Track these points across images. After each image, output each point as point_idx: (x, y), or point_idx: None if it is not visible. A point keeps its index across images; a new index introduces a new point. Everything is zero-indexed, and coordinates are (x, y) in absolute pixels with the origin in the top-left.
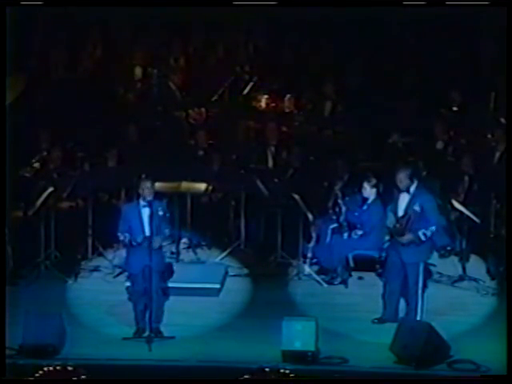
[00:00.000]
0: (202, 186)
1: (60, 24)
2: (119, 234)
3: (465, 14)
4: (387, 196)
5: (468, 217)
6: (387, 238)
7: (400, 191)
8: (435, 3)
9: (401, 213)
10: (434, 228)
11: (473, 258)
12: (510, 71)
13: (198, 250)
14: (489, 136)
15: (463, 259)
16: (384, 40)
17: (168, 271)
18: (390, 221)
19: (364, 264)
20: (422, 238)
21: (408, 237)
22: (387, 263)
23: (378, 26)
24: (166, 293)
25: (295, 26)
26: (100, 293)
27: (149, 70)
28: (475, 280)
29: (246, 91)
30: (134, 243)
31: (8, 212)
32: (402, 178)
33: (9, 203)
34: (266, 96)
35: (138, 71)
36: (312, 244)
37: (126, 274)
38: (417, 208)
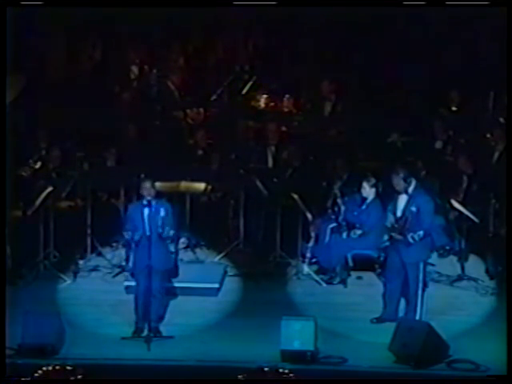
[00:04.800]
0: (201, 186)
1: (59, 23)
2: (124, 233)
3: (465, 14)
4: (386, 196)
5: (467, 216)
6: (386, 237)
7: (398, 193)
8: (435, 3)
9: (399, 213)
10: (421, 233)
11: (472, 257)
12: (510, 71)
13: (197, 250)
14: (488, 136)
15: (462, 259)
16: (383, 40)
17: (174, 271)
18: (390, 221)
19: (363, 264)
20: (410, 240)
21: (398, 236)
22: (387, 263)
23: (377, 25)
24: (169, 292)
25: (294, 26)
26: (99, 292)
27: (148, 69)
28: (474, 280)
29: (245, 91)
30: (137, 241)
31: (7, 211)
32: (397, 181)
33: (8, 203)
34: (265, 96)
35: (137, 71)
36: (311, 244)
37: (125, 273)
38: (414, 209)
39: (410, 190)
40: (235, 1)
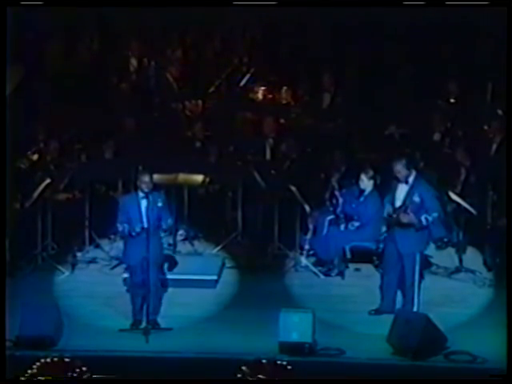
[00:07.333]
0: (199, 178)
1: (58, 16)
2: (118, 225)
3: (465, 14)
4: (384, 188)
5: (465, 208)
6: (384, 229)
7: (398, 182)
8: (435, 3)
9: (399, 203)
10: (436, 214)
11: (469, 249)
12: (509, 63)
13: (195, 242)
14: (486, 128)
15: (460, 251)
16: (382, 32)
17: (170, 263)
18: (387, 211)
19: (361, 255)
20: (424, 222)
21: (409, 217)
22: (384, 254)
23: (376, 20)
24: (164, 284)
25: (293, 19)
26: (97, 284)
27: (146, 61)
28: (472, 271)
29: (243, 83)
30: (133, 234)
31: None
32: (399, 168)
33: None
34: (263, 88)
35: (135, 63)
36: (309, 236)
37: (123, 265)
38: (416, 199)
39: (411, 179)
40: (235, 1)
